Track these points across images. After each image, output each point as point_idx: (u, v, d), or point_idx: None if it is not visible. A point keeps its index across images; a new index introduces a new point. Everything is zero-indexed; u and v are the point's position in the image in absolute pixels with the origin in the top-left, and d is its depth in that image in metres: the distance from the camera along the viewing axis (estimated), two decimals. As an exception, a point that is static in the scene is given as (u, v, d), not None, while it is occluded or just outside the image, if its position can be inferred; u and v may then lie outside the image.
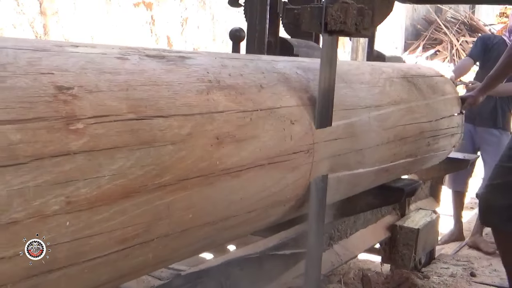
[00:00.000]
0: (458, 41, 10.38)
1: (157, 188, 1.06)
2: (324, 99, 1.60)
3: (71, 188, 0.90)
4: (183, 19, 5.88)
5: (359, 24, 1.54)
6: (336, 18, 1.51)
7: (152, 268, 1.23)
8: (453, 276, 3.00)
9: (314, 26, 1.57)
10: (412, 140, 2.17)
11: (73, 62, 1.02)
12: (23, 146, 0.85)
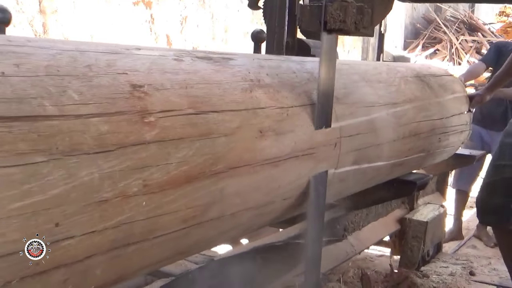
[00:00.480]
0: (457, 40, 10.37)
1: (213, 175, 1.20)
2: (323, 99, 1.60)
3: (146, 173, 1.04)
4: (182, 18, 5.88)
5: (359, 22, 1.54)
6: (335, 17, 1.51)
7: (204, 247, 1.37)
8: (452, 275, 3.04)
9: (314, 25, 1.57)
10: (425, 136, 2.31)
11: (140, 63, 1.16)
12: (110, 136, 0.98)
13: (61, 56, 1.01)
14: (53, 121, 0.90)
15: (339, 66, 1.91)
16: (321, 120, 1.59)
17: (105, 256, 1.01)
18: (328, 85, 1.60)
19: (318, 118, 1.58)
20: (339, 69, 1.87)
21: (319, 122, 1.58)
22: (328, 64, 1.58)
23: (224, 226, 1.31)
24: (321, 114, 1.59)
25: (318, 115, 1.58)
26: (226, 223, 1.31)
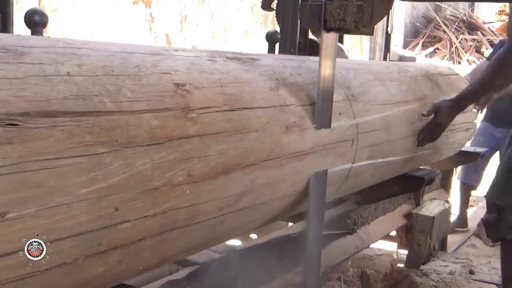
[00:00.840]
0: (457, 39, 10.41)
1: (245, 167, 1.30)
2: (323, 99, 1.59)
3: (190, 164, 1.14)
4: (182, 17, 5.89)
5: (359, 21, 1.54)
6: (335, 16, 1.51)
7: (236, 234, 1.47)
8: (452, 274, 3.02)
9: (314, 24, 1.57)
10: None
11: (180, 64, 1.26)
12: (159, 130, 1.09)
13: (114, 58, 1.12)
14: (112, 116, 1.00)
15: (354, 65, 2.02)
16: (321, 119, 1.59)
17: (153, 239, 1.11)
18: (328, 84, 1.60)
19: (318, 117, 1.58)
20: (355, 69, 1.98)
21: (319, 122, 1.58)
22: (327, 63, 1.58)
23: (254, 214, 1.41)
24: (321, 113, 1.59)
25: (318, 115, 1.58)
26: (256, 212, 1.41)
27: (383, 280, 2.61)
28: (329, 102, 1.62)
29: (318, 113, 1.58)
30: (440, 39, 10.73)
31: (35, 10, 1.67)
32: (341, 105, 1.74)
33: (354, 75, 1.93)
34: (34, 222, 0.86)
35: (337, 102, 1.73)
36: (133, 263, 1.11)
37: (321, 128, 1.58)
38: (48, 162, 0.88)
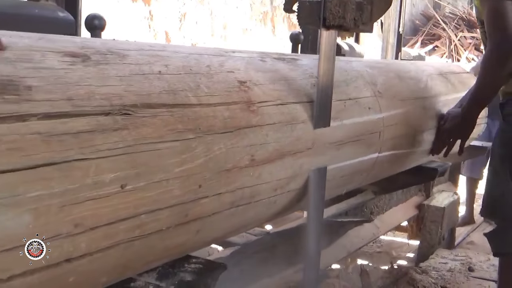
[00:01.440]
0: (456, 37, 10.40)
1: (295, 154, 1.50)
2: (322, 97, 1.58)
3: (253, 150, 1.33)
4: (181, 15, 5.88)
5: (358, 19, 1.54)
6: (334, 13, 1.50)
7: (286, 214, 1.66)
8: (451, 271, 3.03)
9: (313, 21, 1.55)
10: (447, 127, 2.59)
11: (239, 63, 1.45)
12: (230, 120, 1.28)
13: (189, 59, 1.31)
14: (195, 108, 1.19)
15: (377, 64, 2.20)
16: (320, 117, 1.58)
17: (224, 213, 1.30)
18: (327, 82, 1.59)
19: (317, 116, 1.57)
20: (378, 67, 2.17)
21: (318, 120, 1.57)
22: (327, 61, 1.58)
23: (298, 197, 1.60)
24: (320, 111, 1.58)
25: (316, 113, 1.57)
26: (300, 195, 1.60)
27: (383, 277, 2.61)
28: (328, 101, 1.61)
29: (317, 111, 1.56)
30: (439, 37, 10.75)
31: (94, 15, 1.86)
32: (369, 101, 1.93)
33: (378, 73, 2.12)
34: (143, 194, 1.05)
35: (366, 98, 1.92)
36: (206, 234, 1.30)
37: (320, 127, 1.57)
38: (152, 145, 1.07)
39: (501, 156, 2.17)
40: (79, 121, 0.95)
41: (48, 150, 0.88)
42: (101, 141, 0.97)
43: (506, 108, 2.15)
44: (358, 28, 1.59)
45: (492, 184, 2.23)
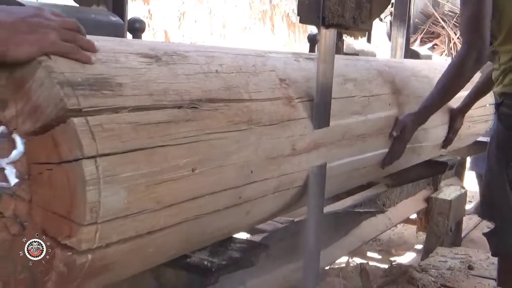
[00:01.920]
0: (455, 35, 10.36)
1: (328, 145, 1.65)
2: (322, 95, 1.59)
3: (294, 141, 1.49)
4: (180, 13, 5.87)
5: (357, 17, 1.55)
6: (334, 12, 1.51)
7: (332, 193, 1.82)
8: (451, 270, 3.01)
9: (312, 20, 1.55)
10: (458, 123, 2.75)
11: (278, 63, 1.61)
12: (275, 114, 1.43)
13: (238, 59, 1.46)
14: (247, 103, 1.35)
15: (394, 64, 2.36)
16: (319, 116, 1.58)
17: (269, 197, 1.46)
18: (326, 81, 1.59)
19: (316, 115, 1.57)
20: (395, 67, 2.32)
21: (318, 119, 1.57)
22: (326, 60, 1.58)
23: (332, 182, 1.76)
24: (319, 110, 1.58)
25: (316, 112, 1.57)
26: (332, 181, 1.76)
27: (383, 276, 2.59)
28: (328, 99, 1.61)
29: (316, 110, 1.57)
30: (438, 35, 10.68)
31: (136, 18, 2.01)
32: (389, 97, 2.09)
33: (396, 72, 2.28)
34: (207, 177, 1.20)
35: (386, 95, 2.07)
36: (254, 215, 1.45)
37: (319, 127, 1.58)
38: (214, 135, 1.22)
39: (497, 157, 2.15)
40: (158, 113, 1.10)
41: (137, 138, 1.04)
42: (176, 131, 1.13)
43: (501, 109, 2.10)
44: (357, 27, 1.60)
45: (489, 186, 2.23)
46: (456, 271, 2.99)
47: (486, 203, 2.30)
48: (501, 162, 2.14)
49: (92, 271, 1.01)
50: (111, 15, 1.71)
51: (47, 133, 0.96)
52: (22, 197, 1.00)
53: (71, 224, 0.96)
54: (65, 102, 0.95)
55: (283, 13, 8.83)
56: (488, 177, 2.25)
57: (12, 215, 1.02)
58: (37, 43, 0.99)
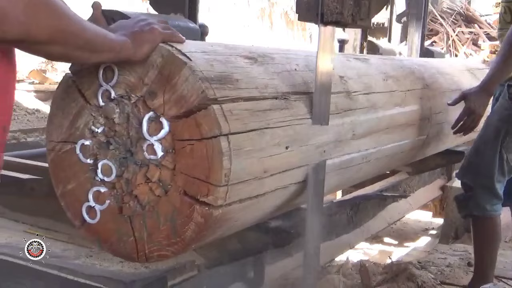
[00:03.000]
0: (454, 32, 10.52)
1: (378, 132, 1.96)
2: (321, 92, 1.60)
3: (354, 127, 1.80)
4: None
5: (356, 14, 1.55)
6: (332, 9, 1.52)
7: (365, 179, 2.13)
8: (450, 266, 3.01)
9: (311, 17, 1.57)
10: (475, 115, 3.07)
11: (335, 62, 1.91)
12: (339, 105, 1.74)
13: (308, 59, 1.76)
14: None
15: (422, 62, 2.67)
16: (319, 113, 1.59)
17: (335, 172, 1.76)
18: (325, 78, 1.61)
19: (316, 111, 1.59)
20: (423, 65, 2.63)
21: (317, 116, 1.59)
22: (325, 57, 1.60)
23: (377, 164, 2.07)
24: (319, 107, 1.59)
25: (316, 109, 1.59)
26: (378, 163, 2.07)
27: (382, 273, 2.61)
28: (327, 97, 1.62)
29: (316, 107, 1.59)
30: (437, 32, 10.77)
31: (202, 24, 2.31)
32: (421, 92, 2.40)
33: (424, 70, 2.58)
34: (296, 154, 1.51)
35: (418, 90, 2.38)
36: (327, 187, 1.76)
37: (318, 123, 1.60)
38: (300, 120, 1.53)
39: (497, 129, 2.31)
40: (263, 103, 1.41)
41: (252, 121, 1.35)
42: (275, 116, 1.44)
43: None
44: (356, 24, 1.61)
45: (479, 152, 2.39)
46: (456, 267, 2.99)
47: (470, 167, 2.45)
48: (499, 133, 2.33)
49: (220, 222, 1.32)
50: (189, 21, 2.01)
51: (190, 117, 1.27)
52: (166, 167, 1.31)
53: (209, 186, 1.26)
54: (206, 93, 1.25)
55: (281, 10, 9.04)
56: (478, 144, 2.43)
57: (157, 181, 1.33)
58: (151, 40, 1.29)
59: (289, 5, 8.73)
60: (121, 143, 1.36)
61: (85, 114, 1.40)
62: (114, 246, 1.41)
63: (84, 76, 1.39)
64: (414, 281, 2.49)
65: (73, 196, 1.44)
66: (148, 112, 1.31)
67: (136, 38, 1.27)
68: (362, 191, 3.12)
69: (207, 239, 1.36)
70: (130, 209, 1.36)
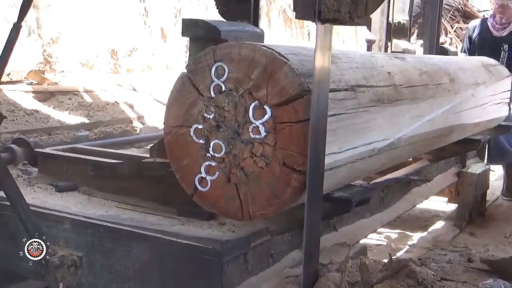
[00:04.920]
0: (452, 28, 10.72)
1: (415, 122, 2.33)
2: (319, 89, 1.63)
3: (401, 113, 2.17)
4: (176, 10, 6.15)
5: (353, 12, 1.58)
6: (329, 7, 1.55)
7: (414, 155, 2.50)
8: (450, 263, 3.00)
9: (308, 15, 1.58)
10: (490, 105, 3.45)
11: (381, 61, 2.28)
12: (386, 96, 2.10)
13: (363, 58, 2.13)
14: (375, 88, 2.02)
15: (445, 59, 3.04)
16: (317, 110, 1.63)
17: (384, 153, 2.13)
18: (323, 75, 1.64)
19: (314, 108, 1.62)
20: (448, 62, 3.00)
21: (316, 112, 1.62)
22: (323, 54, 1.64)
23: (413, 148, 2.43)
24: (317, 104, 1.63)
25: (314, 105, 1.62)
26: (414, 146, 2.43)
27: (382, 270, 2.55)
28: (325, 94, 1.66)
29: (314, 104, 1.63)
30: None
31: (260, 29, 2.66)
32: (448, 85, 2.77)
33: (449, 66, 2.96)
34: (359, 135, 1.87)
35: (446, 84, 2.75)
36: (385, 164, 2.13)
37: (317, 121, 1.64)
38: (364, 108, 1.90)
39: None
40: (340, 93, 1.78)
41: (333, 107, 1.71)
42: (349, 104, 1.81)
43: None
44: (353, 22, 1.64)
45: None
46: (456, 264, 2.99)
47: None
48: None
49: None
50: (255, 27, 2.36)
51: (289, 104, 1.63)
52: (268, 144, 1.68)
53: (304, 158, 1.63)
54: (302, 85, 1.62)
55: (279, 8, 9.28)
56: None
57: (260, 155, 1.69)
58: None
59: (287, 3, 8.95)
60: (229, 126, 1.73)
61: (198, 104, 1.77)
62: (223, 208, 1.78)
63: (198, 73, 1.75)
64: (414, 278, 2.47)
65: (187, 170, 1.81)
66: (253, 102, 1.68)
67: None
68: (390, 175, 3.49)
69: (300, 200, 1.72)
70: (237, 178, 1.73)
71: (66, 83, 5.27)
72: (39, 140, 3.68)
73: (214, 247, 1.86)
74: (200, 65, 1.75)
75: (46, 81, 5.07)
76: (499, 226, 4.47)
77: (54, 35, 5.59)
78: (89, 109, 4.88)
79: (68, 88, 5.09)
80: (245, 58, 1.68)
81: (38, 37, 5.51)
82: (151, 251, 2.00)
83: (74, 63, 5.71)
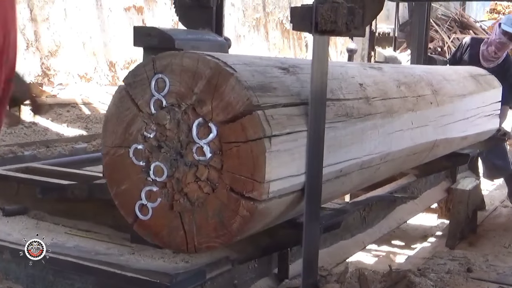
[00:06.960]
0: (449, 38, 10.47)
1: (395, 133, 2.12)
2: (316, 100, 1.62)
3: (374, 129, 1.96)
4: (174, 23, 6.08)
5: (350, 23, 1.57)
6: (326, 18, 1.53)
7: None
8: (450, 273, 2.99)
9: (305, 27, 1.58)
10: (479, 117, 3.25)
11: (354, 71, 2.08)
12: (362, 109, 1.90)
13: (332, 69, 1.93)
14: (342, 102, 1.82)
15: (429, 69, 2.84)
16: (315, 120, 1.61)
17: (357, 172, 1.92)
18: (320, 86, 1.63)
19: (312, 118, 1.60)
20: (431, 72, 2.80)
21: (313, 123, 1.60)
22: (320, 65, 1.63)
23: (393, 164, 2.23)
24: (314, 114, 1.61)
25: (311, 116, 1.60)
26: (394, 163, 2.23)
27: (381, 281, 2.57)
28: (322, 104, 1.64)
29: (311, 114, 1.61)
30: (432, 39, 10.54)
31: (226, 37, 2.47)
32: (430, 97, 2.57)
33: (432, 76, 2.76)
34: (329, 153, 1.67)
35: (428, 95, 2.55)
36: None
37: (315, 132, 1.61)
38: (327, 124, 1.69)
39: None
40: (296, 109, 1.58)
41: (289, 124, 1.51)
42: (306, 121, 1.60)
43: None
44: (350, 32, 1.63)
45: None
46: (455, 274, 2.97)
47: None
48: None
49: (262, 216, 1.48)
50: (217, 36, 2.17)
51: (236, 121, 1.43)
52: (214, 167, 1.47)
53: (254, 183, 1.42)
54: (251, 100, 1.42)
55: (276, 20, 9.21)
56: None
57: (205, 179, 1.48)
58: None
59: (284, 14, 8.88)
60: (171, 146, 1.52)
61: (138, 121, 1.56)
62: (165, 239, 1.57)
63: (137, 87, 1.55)
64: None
65: (127, 195, 1.60)
66: (197, 118, 1.48)
67: None
68: (373, 193, 3.29)
69: (251, 231, 1.51)
70: (180, 205, 1.52)
71: (64, 96, 5.32)
72: (37, 152, 3.57)
73: (162, 281, 1.65)
74: (139, 78, 1.54)
75: (44, 94, 5.07)
76: (498, 236, 4.35)
77: (53, 48, 5.64)
78: (87, 121, 4.91)
79: (66, 101, 5.21)
80: (188, 69, 1.48)
81: (37, 50, 5.58)
82: (95, 285, 1.79)
83: (72, 75, 5.76)
